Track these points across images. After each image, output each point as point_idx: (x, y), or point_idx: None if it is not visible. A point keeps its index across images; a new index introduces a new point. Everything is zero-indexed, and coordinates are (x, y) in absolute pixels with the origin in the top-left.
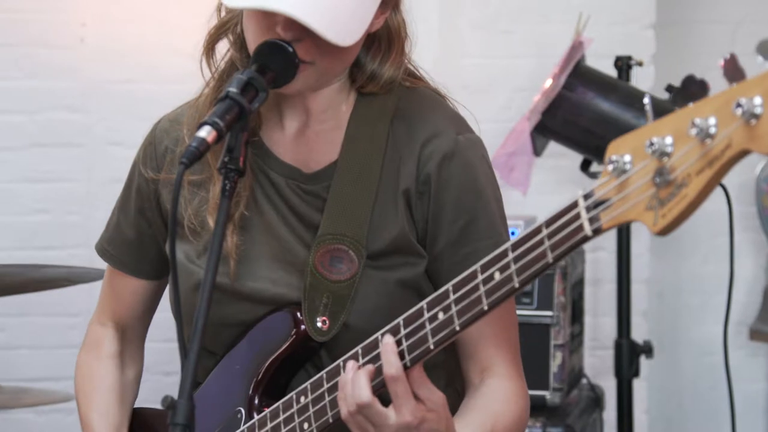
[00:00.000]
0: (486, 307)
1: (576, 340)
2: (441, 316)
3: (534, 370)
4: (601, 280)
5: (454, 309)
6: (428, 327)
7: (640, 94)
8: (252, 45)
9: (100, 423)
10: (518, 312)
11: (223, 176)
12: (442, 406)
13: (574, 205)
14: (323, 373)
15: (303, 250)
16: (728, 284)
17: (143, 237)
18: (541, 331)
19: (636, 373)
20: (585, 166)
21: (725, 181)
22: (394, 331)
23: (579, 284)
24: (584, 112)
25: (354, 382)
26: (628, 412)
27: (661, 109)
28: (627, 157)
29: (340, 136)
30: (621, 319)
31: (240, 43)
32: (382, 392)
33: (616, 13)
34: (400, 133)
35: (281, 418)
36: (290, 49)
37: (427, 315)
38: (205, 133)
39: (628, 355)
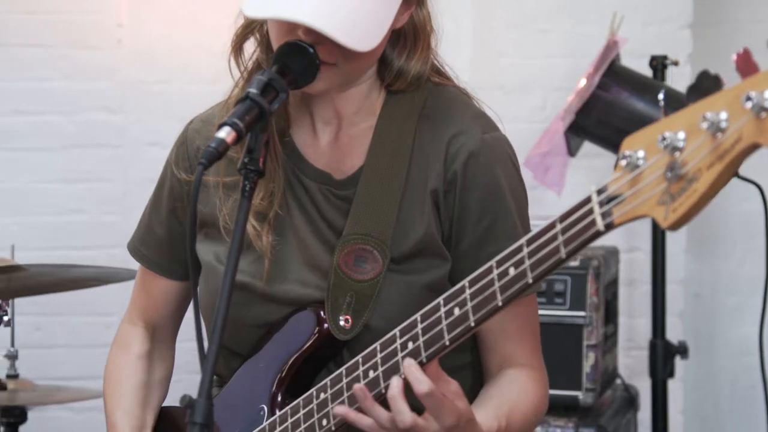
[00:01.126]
0: (500, 303)
1: (610, 341)
2: (457, 311)
3: (566, 370)
4: (637, 280)
5: (469, 304)
6: (444, 322)
7: (675, 94)
8: (275, 45)
9: (123, 422)
10: (551, 312)
11: (243, 177)
12: (458, 395)
13: (588, 200)
14: (343, 369)
15: (327, 253)
16: (764, 285)
17: (174, 237)
18: (573, 332)
19: (671, 374)
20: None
21: (761, 180)
22: (411, 326)
23: (613, 284)
24: (618, 111)
25: (396, 408)
26: (663, 412)
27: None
28: (640, 152)
29: (368, 139)
30: (656, 320)
31: (266, 43)
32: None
33: (653, 13)
34: (425, 132)
35: (301, 413)
36: (311, 50)
37: (443, 310)
38: (225, 133)
39: (663, 356)
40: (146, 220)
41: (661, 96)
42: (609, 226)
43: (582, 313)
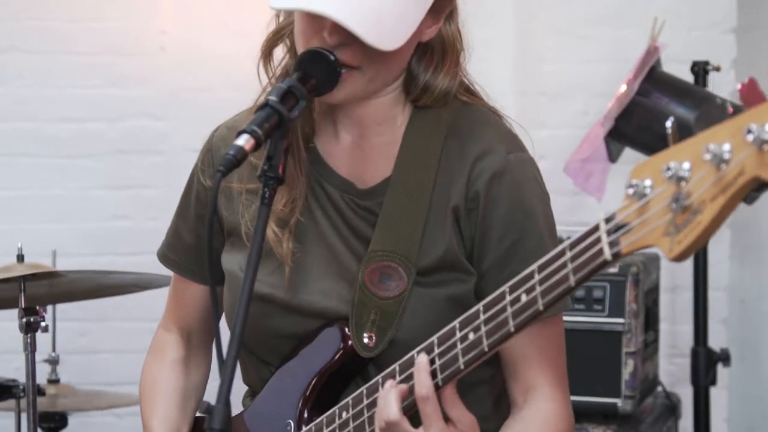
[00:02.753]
0: (512, 329)
1: (650, 348)
2: (471, 336)
3: (605, 377)
4: (680, 287)
5: (483, 329)
6: (459, 347)
7: (715, 104)
8: (301, 46)
9: (158, 428)
10: (589, 319)
11: (263, 184)
12: (472, 428)
13: (596, 228)
14: (363, 388)
15: (354, 262)
16: None
17: (202, 243)
18: (612, 339)
19: (713, 381)
20: None
21: None
22: (429, 350)
23: (653, 291)
24: (659, 118)
25: (385, 401)
26: (705, 420)
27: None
28: (647, 182)
29: (395, 151)
30: (698, 327)
31: (295, 50)
32: (414, 414)
33: (697, 18)
34: (452, 150)
35: (325, 431)
36: (332, 58)
37: (459, 335)
38: (243, 141)
39: (705, 363)
40: (174, 227)
41: (668, 124)
42: (616, 256)
43: (621, 320)
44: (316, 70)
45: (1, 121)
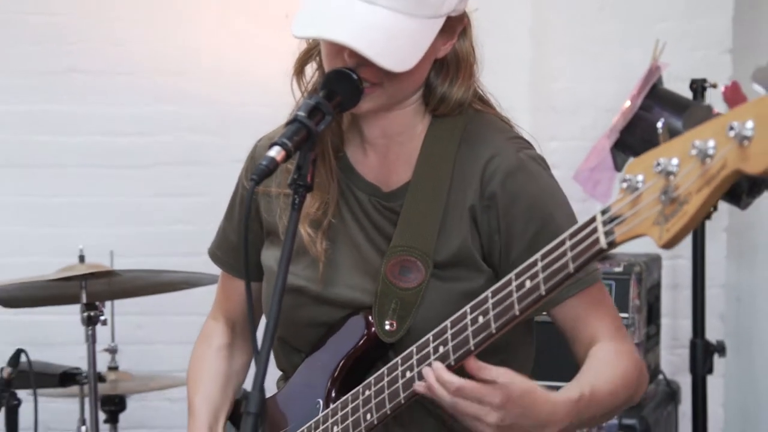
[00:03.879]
0: (518, 312)
1: (652, 340)
2: (481, 319)
3: None
4: (680, 285)
5: (491, 313)
6: (470, 329)
7: (701, 109)
8: (326, 68)
9: (202, 406)
10: None
11: (293, 191)
12: (509, 376)
13: (593, 220)
14: (384, 368)
15: (378, 257)
16: None
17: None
18: None
19: (710, 371)
20: None
21: None
22: (441, 332)
23: (655, 288)
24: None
25: (440, 379)
26: (702, 405)
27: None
28: (640, 176)
29: (415, 157)
30: (696, 321)
31: (323, 68)
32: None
33: (696, 40)
34: (465, 155)
35: (349, 408)
36: (355, 77)
37: (469, 318)
38: (275, 152)
39: (702, 354)
40: (222, 228)
41: (659, 124)
42: (611, 244)
43: (625, 315)
44: (340, 87)
45: (67, 135)
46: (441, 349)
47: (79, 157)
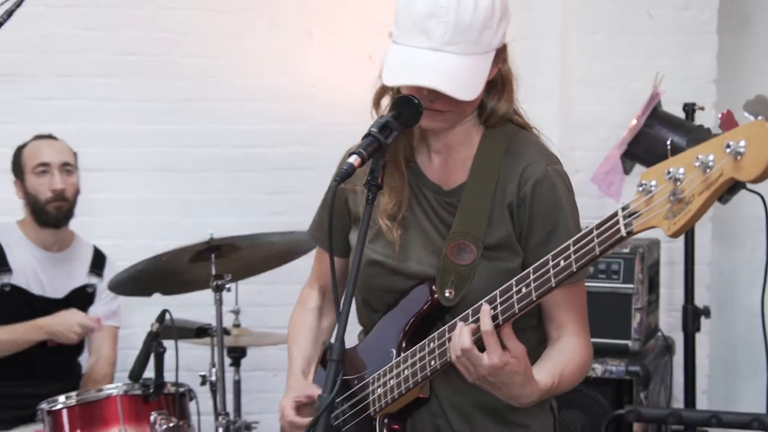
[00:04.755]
0: (553, 284)
1: (652, 305)
2: (524, 290)
3: (620, 326)
4: (675, 262)
5: (532, 285)
6: (515, 297)
7: (701, 131)
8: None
9: (297, 355)
10: (609, 285)
11: (367, 190)
12: (523, 355)
13: (615, 214)
14: (445, 327)
15: (440, 240)
16: (764, 266)
17: (337, 225)
18: (625, 299)
19: (698, 329)
20: None
21: (764, 191)
22: (492, 300)
23: (655, 265)
24: (659, 143)
25: (459, 335)
26: (692, 356)
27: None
28: (653, 182)
29: (470, 163)
30: (687, 290)
31: None
32: (480, 345)
33: (687, 72)
34: (508, 163)
35: (417, 356)
36: (416, 101)
37: (515, 289)
38: (353, 159)
39: (692, 316)
40: (318, 213)
41: (668, 143)
42: (629, 233)
43: (631, 286)
44: (405, 109)
45: (201, 147)
46: (492, 312)
47: (209, 163)
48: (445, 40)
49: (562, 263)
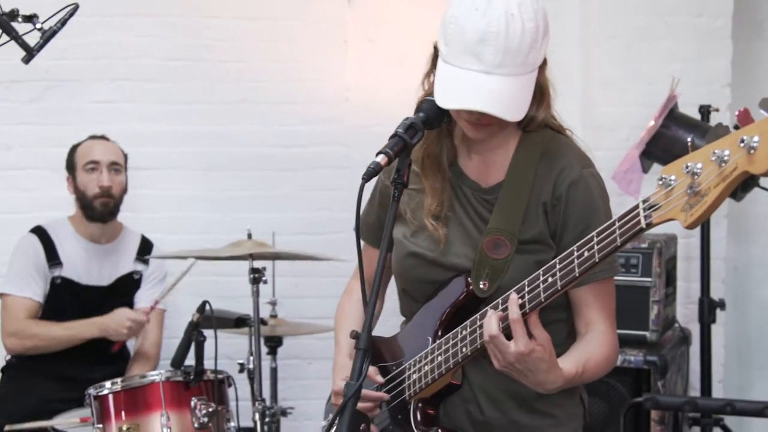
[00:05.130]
0: (577, 274)
1: (669, 298)
2: (550, 279)
3: (638, 317)
4: (692, 257)
5: (558, 275)
6: (541, 286)
7: (720, 128)
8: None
9: (344, 341)
10: (628, 278)
11: (393, 187)
12: (548, 343)
13: (636, 207)
14: (477, 315)
15: (478, 235)
16: None
17: (381, 221)
18: (643, 292)
19: (714, 321)
20: None
21: None
22: (520, 289)
23: (672, 259)
24: (676, 143)
25: (487, 322)
26: (707, 347)
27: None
28: (672, 177)
29: (507, 162)
30: (703, 284)
31: None
32: (509, 332)
33: (703, 76)
34: (544, 164)
35: (450, 343)
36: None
37: (541, 278)
38: (380, 158)
39: (708, 308)
40: (365, 210)
41: (689, 139)
42: (649, 225)
43: (649, 279)
44: (430, 112)
45: (241, 147)
46: (519, 301)
47: (250, 162)
48: (496, 63)
49: (586, 254)
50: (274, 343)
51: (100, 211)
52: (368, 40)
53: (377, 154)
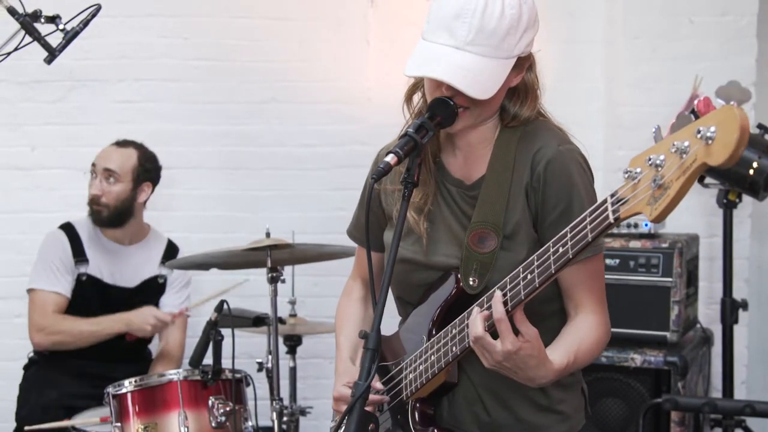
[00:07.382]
0: (553, 271)
1: (691, 298)
2: (529, 276)
3: (659, 318)
4: (715, 257)
5: (536, 272)
6: (521, 283)
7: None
8: (428, 97)
9: (344, 343)
10: (648, 278)
11: (404, 186)
12: (536, 338)
13: (605, 201)
14: (465, 313)
15: (462, 231)
16: None
17: (372, 225)
18: (664, 292)
19: (736, 321)
20: (701, 179)
21: None
22: (503, 286)
23: (694, 259)
24: None
25: (472, 323)
26: (730, 347)
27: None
28: (638, 169)
29: (488, 157)
30: (725, 284)
31: (425, 96)
32: (494, 331)
33: (727, 76)
34: (523, 148)
35: (441, 342)
36: (451, 103)
37: (521, 275)
38: (390, 158)
39: (730, 309)
40: (356, 213)
41: (653, 130)
42: (617, 219)
43: (670, 279)
44: (441, 111)
45: (266, 146)
46: (503, 299)
47: (272, 162)
48: (468, 40)
49: (560, 250)
50: (294, 343)
51: (94, 217)
52: (391, 40)
53: (387, 154)
